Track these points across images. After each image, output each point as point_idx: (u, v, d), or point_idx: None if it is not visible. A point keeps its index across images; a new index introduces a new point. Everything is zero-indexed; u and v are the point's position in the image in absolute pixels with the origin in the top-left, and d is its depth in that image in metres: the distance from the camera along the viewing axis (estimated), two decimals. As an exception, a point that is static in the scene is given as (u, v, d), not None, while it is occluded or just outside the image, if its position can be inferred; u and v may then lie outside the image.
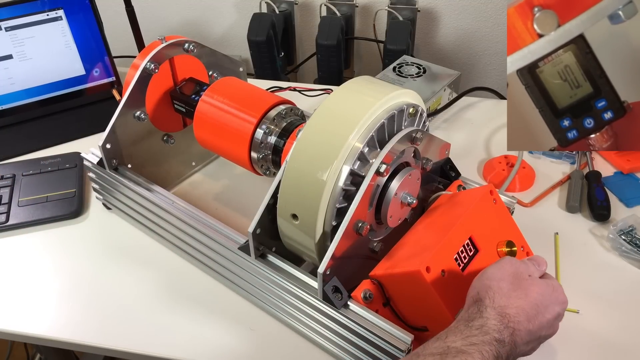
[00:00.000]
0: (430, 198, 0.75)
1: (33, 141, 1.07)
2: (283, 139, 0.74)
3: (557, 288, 0.58)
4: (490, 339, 0.50)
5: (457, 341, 0.50)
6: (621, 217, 0.85)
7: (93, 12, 1.13)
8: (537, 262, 0.60)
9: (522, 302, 0.54)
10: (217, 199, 0.93)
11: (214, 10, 1.43)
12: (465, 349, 0.48)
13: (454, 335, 0.51)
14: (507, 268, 0.57)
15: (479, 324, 0.51)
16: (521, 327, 0.52)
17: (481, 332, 0.50)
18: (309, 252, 0.65)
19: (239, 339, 0.71)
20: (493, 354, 0.49)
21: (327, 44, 1.21)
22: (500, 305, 0.53)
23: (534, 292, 0.55)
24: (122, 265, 0.82)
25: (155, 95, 0.85)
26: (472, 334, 0.50)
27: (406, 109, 0.65)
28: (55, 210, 0.90)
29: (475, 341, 0.49)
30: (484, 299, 0.54)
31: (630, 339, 0.70)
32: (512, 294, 0.54)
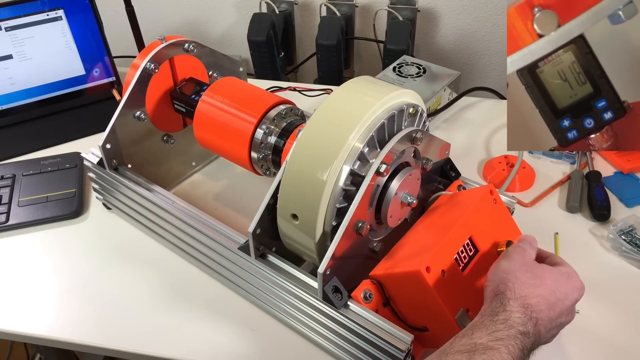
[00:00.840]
0: (430, 198, 0.75)
1: (33, 141, 1.07)
2: (283, 139, 0.74)
3: (572, 274, 0.58)
4: (515, 333, 0.50)
5: (483, 337, 0.50)
6: (621, 217, 0.85)
7: (93, 12, 1.13)
8: (528, 241, 0.61)
9: (541, 290, 0.54)
10: (217, 199, 0.93)
11: (214, 10, 1.43)
12: (492, 344, 0.49)
13: (479, 331, 0.51)
14: (517, 258, 0.58)
15: (504, 317, 0.52)
16: (543, 316, 0.53)
17: (506, 326, 0.51)
18: (309, 252, 0.65)
19: (239, 339, 0.71)
20: (519, 347, 0.49)
21: (327, 44, 1.21)
22: (521, 296, 0.53)
23: (548, 279, 0.56)
24: (122, 265, 0.82)
25: (155, 95, 0.85)
26: (497, 328, 0.51)
27: (406, 109, 0.65)
28: (56, 210, 0.90)
29: (501, 336, 0.50)
30: (505, 291, 0.54)
31: (630, 339, 0.70)
32: (529, 282, 0.55)
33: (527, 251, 0.59)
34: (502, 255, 0.59)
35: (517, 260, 0.57)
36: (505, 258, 0.58)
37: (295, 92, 1.18)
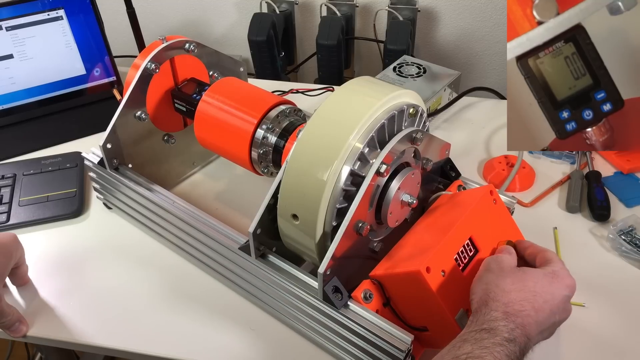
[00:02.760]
0: (431, 198, 0.75)
1: (34, 141, 1.07)
2: (283, 139, 0.75)
3: (559, 272, 0.58)
4: (500, 340, 0.50)
5: (468, 347, 0.50)
6: (621, 217, 0.85)
7: (94, 12, 1.13)
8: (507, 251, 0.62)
9: (524, 294, 0.54)
10: (217, 198, 0.93)
11: (215, 10, 1.44)
12: (478, 352, 0.49)
13: (467, 343, 0.51)
14: (494, 267, 0.58)
15: (488, 327, 0.52)
16: (530, 320, 0.53)
17: (491, 334, 0.51)
18: (309, 252, 0.65)
19: (239, 339, 0.71)
20: (505, 354, 0.49)
21: (327, 44, 1.21)
22: (504, 303, 0.53)
23: (530, 282, 0.55)
24: (123, 265, 0.82)
25: (156, 95, 0.85)
26: (482, 337, 0.51)
27: (406, 109, 0.65)
28: (56, 209, 0.90)
29: (487, 344, 0.50)
30: (488, 301, 0.54)
31: (630, 339, 0.70)
32: (510, 287, 0.55)
33: (504, 258, 0.59)
34: (482, 267, 0.59)
35: (495, 269, 0.58)
36: (484, 269, 0.59)
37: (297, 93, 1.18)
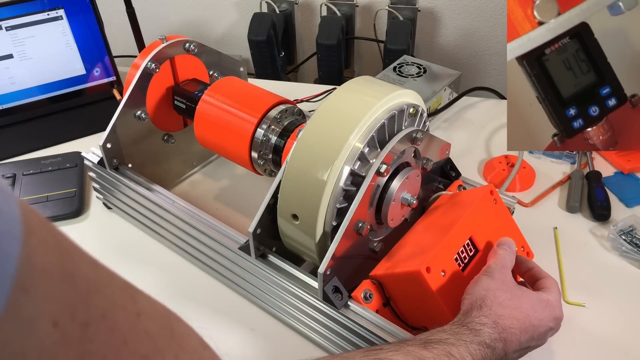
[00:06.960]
0: (431, 198, 0.75)
1: (33, 141, 1.07)
2: (283, 139, 0.74)
3: (552, 303, 0.58)
4: (480, 341, 0.51)
5: (443, 335, 0.50)
6: (621, 217, 0.85)
7: (93, 12, 1.13)
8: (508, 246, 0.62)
9: (517, 312, 0.55)
10: (217, 198, 0.93)
11: (215, 10, 1.43)
12: (452, 341, 0.49)
13: (444, 332, 0.51)
14: (498, 277, 0.58)
15: (473, 327, 0.52)
16: (514, 339, 0.53)
17: (472, 333, 0.51)
18: (310, 252, 0.65)
19: (239, 339, 0.71)
20: (482, 355, 0.50)
21: (327, 43, 1.21)
22: (496, 314, 0.54)
23: (526, 304, 0.56)
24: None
25: (155, 95, 0.85)
26: (462, 332, 0.51)
27: (406, 109, 0.65)
28: (56, 209, 0.90)
29: (465, 339, 0.50)
30: (482, 306, 0.54)
31: (630, 339, 0.70)
32: (507, 303, 0.55)
33: (508, 270, 0.60)
34: (484, 271, 0.59)
35: (498, 279, 0.57)
36: (487, 274, 0.58)
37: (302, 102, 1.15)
